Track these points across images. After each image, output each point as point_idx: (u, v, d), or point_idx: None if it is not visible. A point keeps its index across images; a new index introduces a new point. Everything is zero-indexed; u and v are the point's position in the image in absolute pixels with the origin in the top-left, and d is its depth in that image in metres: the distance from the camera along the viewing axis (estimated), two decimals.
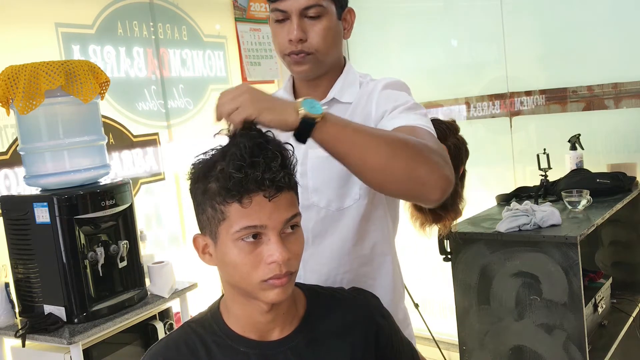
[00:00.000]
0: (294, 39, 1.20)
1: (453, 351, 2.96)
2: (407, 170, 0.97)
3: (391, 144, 0.97)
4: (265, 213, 0.88)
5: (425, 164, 0.97)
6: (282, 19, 1.21)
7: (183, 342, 1.00)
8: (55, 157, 1.97)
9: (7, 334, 1.97)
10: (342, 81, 1.30)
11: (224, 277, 0.98)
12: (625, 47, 2.72)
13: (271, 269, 0.89)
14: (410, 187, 0.99)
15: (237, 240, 0.90)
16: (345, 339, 1.03)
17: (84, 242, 1.96)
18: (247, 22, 3.31)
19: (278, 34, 1.23)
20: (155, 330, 2.14)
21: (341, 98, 1.28)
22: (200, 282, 2.37)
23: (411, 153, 0.97)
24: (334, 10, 1.23)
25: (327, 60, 1.26)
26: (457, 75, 3.31)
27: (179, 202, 2.89)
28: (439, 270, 3.11)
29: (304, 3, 1.19)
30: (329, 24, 1.22)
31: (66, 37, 2.43)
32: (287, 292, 0.93)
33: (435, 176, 0.98)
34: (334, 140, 0.96)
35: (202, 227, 0.97)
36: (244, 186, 0.87)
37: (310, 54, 1.22)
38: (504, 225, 2.09)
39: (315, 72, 1.26)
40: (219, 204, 0.90)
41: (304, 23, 1.20)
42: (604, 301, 2.38)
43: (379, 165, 0.96)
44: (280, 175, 0.88)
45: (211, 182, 0.90)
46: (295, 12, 1.19)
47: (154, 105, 2.79)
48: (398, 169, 0.96)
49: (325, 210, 1.25)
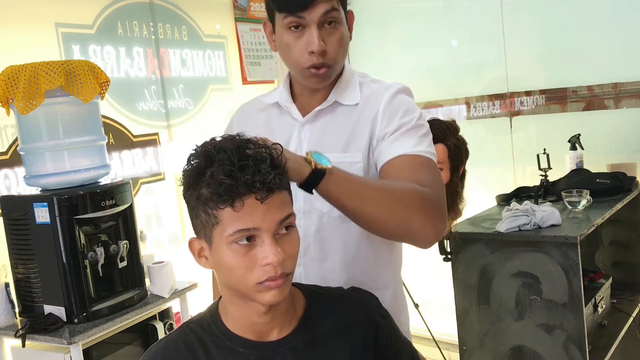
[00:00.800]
0: (317, 51, 1.15)
1: (453, 351, 2.96)
2: (400, 224, 1.06)
3: (389, 199, 1.05)
4: (257, 215, 0.88)
5: (418, 220, 1.05)
6: (297, 26, 1.16)
7: (182, 343, 1.00)
8: (55, 157, 1.97)
9: (7, 334, 1.97)
10: (343, 83, 1.28)
11: (220, 280, 0.98)
12: (625, 47, 2.72)
13: (266, 271, 0.89)
14: (402, 236, 1.12)
15: (231, 243, 0.90)
16: (344, 339, 1.03)
17: (84, 242, 1.96)
18: (247, 22, 3.31)
19: (293, 45, 1.17)
20: (155, 330, 2.14)
21: (343, 101, 1.26)
22: (200, 282, 2.36)
23: (407, 208, 1.05)
24: (343, 15, 1.20)
25: (339, 68, 1.24)
26: (457, 75, 3.31)
27: (178, 202, 2.89)
28: (439, 270, 3.11)
29: (323, 9, 1.14)
30: (344, 30, 1.19)
31: (66, 37, 2.43)
32: (284, 293, 0.93)
33: (426, 230, 1.07)
34: (337, 190, 1.02)
35: (197, 231, 0.97)
36: (235, 190, 0.87)
37: (330, 66, 1.19)
38: (504, 225, 2.09)
39: (329, 81, 1.24)
40: (212, 209, 0.89)
41: (322, 33, 1.16)
42: (604, 301, 2.38)
43: (376, 216, 1.05)
44: (270, 176, 0.88)
45: (202, 187, 0.90)
46: (314, 21, 1.14)
47: (154, 105, 2.79)
48: (393, 222, 1.05)
49: (328, 215, 1.23)
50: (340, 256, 1.26)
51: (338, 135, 1.24)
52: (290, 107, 1.30)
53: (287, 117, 1.30)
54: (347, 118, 1.25)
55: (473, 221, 2.31)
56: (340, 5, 1.19)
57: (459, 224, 2.25)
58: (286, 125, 1.30)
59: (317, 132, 1.26)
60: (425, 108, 3.38)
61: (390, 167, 1.15)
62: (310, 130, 1.26)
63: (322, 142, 1.24)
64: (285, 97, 1.31)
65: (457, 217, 2.15)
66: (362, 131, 1.23)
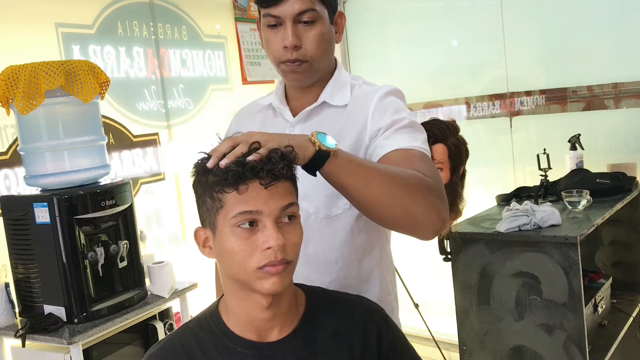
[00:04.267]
0: (289, 46, 1.17)
1: (453, 351, 2.96)
2: (405, 209, 1.03)
3: (393, 181, 1.02)
4: (260, 199, 0.91)
5: (423, 205, 1.03)
6: (274, 24, 1.19)
7: (179, 343, 1.00)
8: (55, 157, 1.97)
9: (7, 334, 1.97)
10: (333, 84, 1.28)
11: (223, 270, 0.99)
12: (625, 47, 2.72)
13: (266, 255, 0.90)
14: (405, 223, 1.06)
15: (234, 226, 0.91)
16: (344, 341, 1.02)
17: (84, 242, 1.96)
18: (247, 22, 3.31)
19: (271, 40, 1.21)
20: (155, 330, 2.14)
21: (332, 101, 1.27)
22: (200, 282, 2.37)
23: (411, 192, 1.02)
24: (326, 14, 1.21)
25: (321, 67, 1.24)
26: (457, 75, 3.31)
27: (179, 202, 2.89)
28: (439, 270, 3.10)
29: (298, 8, 1.16)
30: (323, 29, 1.20)
31: (66, 37, 2.43)
32: (284, 282, 0.93)
33: (430, 218, 1.04)
34: (341, 173, 1.00)
35: (202, 220, 0.99)
36: (241, 175, 0.90)
37: (305, 62, 1.20)
38: (504, 225, 2.09)
39: (310, 80, 1.25)
40: (217, 192, 0.92)
41: (297, 29, 1.18)
42: (604, 301, 2.38)
43: (380, 200, 1.02)
44: (279, 165, 0.91)
45: (211, 174, 0.93)
46: (289, 17, 1.17)
47: (154, 105, 2.79)
48: (397, 206, 1.02)
49: (314, 216, 1.24)
50: (325, 258, 1.26)
51: None
52: (282, 109, 1.31)
53: (280, 119, 1.32)
54: (335, 119, 1.26)
55: (473, 221, 2.31)
56: (322, 4, 1.19)
57: (459, 224, 2.25)
58: (279, 126, 1.31)
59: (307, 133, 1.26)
60: (425, 108, 3.38)
61: (386, 160, 1.15)
62: (301, 130, 1.27)
63: None
64: (278, 99, 1.32)
65: (457, 217, 2.15)
66: (350, 131, 1.23)
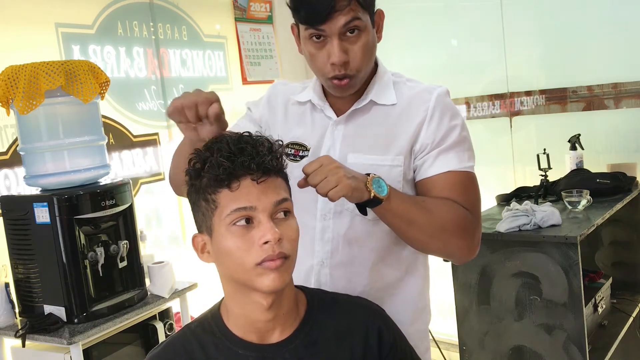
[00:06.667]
0: (337, 63, 1.14)
1: (453, 351, 2.95)
2: (440, 248, 1.20)
3: (432, 226, 1.14)
4: (253, 195, 0.91)
5: (457, 244, 1.18)
6: (318, 36, 1.14)
7: (181, 345, 1.00)
8: (55, 157, 1.96)
9: (7, 334, 1.96)
10: (378, 82, 1.26)
11: (222, 273, 0.99)
12: (625, 47, 2.72)
13: (264, 249, 0.90)
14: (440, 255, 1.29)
15: (229, 225, 0.92)
16: (345, 343, 1.02)
17: (84, 242, 1.96)
18: (247, 22, 3.31)
19: (315, 55, 1.16)
20: (155, 330, 2.14)
21: (379, 100, 1.24)
22: (200, 282, 2.36)
23: (447, 235, 1.16)
24: (369, 20, 1.17)
25: (367, 74, 1.22)
26: (457, 75, 3.31)
27: (179, 202, 2.89)
28: (439, 270, 3.10)
29: (344, 21, 1.11)
30: (367, 37, 1.16)
31: (66, 37, 2.43)
32: (283, 278, 0.93)
33: (462, 253, 1.20)
34: (388, 215, 1.12)
35: (199, 226, 0.99)
36: (232, 172, 0.90)
37: (353, 77, 1.17)
38: (504, 225, 2.09)
39: (355, 89, 1.22)
40: (210, 194, 0.93)
41: (343, 42, 1.14)
42: (604, 301, 2.38)
43: (418, 239, 1.17)
44: (267, 158, 0.92)
45: (203, 177, 0.94)
46: (335, 33, 1.12)
47: (154, 105, 2.79)
48: (434, 246, 1.19)
49: (360, 217, 1.19)
50: (369, 260, 1.24)
51: (375, 136, 1.22)
52: (324, 106, 1.28)
53: (320, 115, 1.29)
54: (384, 118, 1.23)
55: None
56: (364, 9, 1.15)
57: None
58: (320, 122, 1.28)
59: (351, 132, 1.24)
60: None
61: (434, 184, 1.20)
62: (344, 129, 1.25)
63: (358, 143, 1.23)
64: (317, 96, 1.29)
65: None
66: (404, 134, 1.21)
